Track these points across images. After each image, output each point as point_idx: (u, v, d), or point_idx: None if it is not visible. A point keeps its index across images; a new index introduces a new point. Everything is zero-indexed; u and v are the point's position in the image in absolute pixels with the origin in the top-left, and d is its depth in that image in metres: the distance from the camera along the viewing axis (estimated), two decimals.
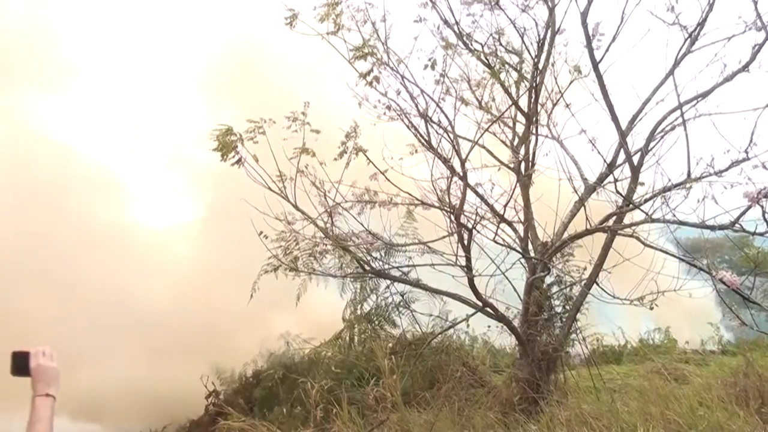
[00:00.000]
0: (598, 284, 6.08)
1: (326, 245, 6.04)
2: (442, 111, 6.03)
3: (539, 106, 6.37)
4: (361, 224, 5.95)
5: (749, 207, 5.07)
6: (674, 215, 5.50)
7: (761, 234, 5.24)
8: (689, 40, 5.85)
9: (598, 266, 6.06)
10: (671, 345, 10.34)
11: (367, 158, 5.73)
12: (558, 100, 6.33)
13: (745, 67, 5.67)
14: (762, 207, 5.00)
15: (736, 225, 5.30)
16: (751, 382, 5.83)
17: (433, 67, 5.99)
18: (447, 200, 5.86)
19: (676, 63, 5.92)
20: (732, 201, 5.27)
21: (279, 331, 7.87)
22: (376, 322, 7.34)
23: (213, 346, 7.76)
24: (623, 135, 5.97)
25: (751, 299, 5.62)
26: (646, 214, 5.64)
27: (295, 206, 5.72)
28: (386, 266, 6.35)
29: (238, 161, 5.46)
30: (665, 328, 10.77)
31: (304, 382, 6.03)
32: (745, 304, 5.74)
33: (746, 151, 5.26)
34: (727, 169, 5.33)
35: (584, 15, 5.94)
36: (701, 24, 5.76)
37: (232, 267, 7.48)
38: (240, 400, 7.08)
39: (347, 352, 7.35)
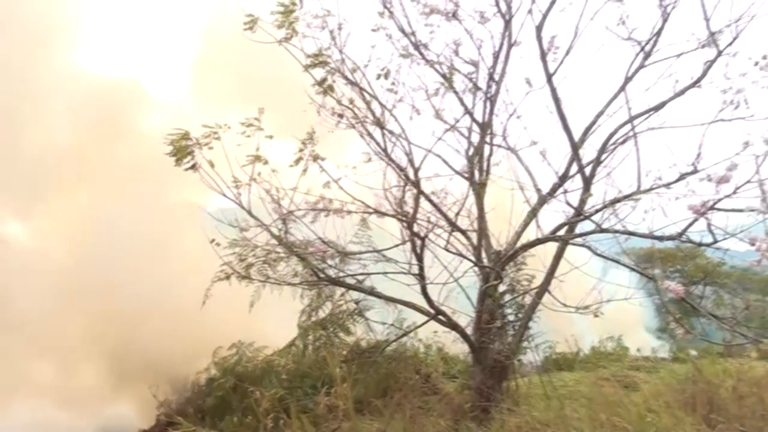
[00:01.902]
0: (549, 293, 6.69)
1: (280, 253, 6.39)
2: (396, 119, 6.48)
3: (495, 117, 6.98)
4: (313, 232, 6.30)
5: (696, 219, 5.70)
6: (623, 226, 6.14)
7: (707, 245, 5.86)
8: (642, 55, 6.52)
9: (550, 275, 6.67)
10: (623, 353, 11.06)
11: (320, 166, 6.10)
12: (513, 111, 6.94)
13: (696, 83, 6.30)
14: (707, 219, 5.65)
15: (683, 236, 5.95)
16: (700, 389, 6.45)
17: (386, 77, 6.46)
18: (401, 209, 6.36)
19: (629, 77, 6.57)
20: (682, 212, 5.90)
21: (232, 339, 8.25)
22: (331, 330, 7.73)
23: (166, 354, 8.07)
24: (575, 147, 6.57)
25: (698, 308, 6.27)
26: (597, 224, 6.24)
27: (249, 213, 6.04)
28: (341, 274, 6.67)
29: (193, 166, 5.74)
30: (617, 336, 11.53)
31: (255, 391, 6.28)
32: (694, 312, 6.38)
33: (694, 165, 5.92)
34: (675, 182, 5.91)
35: (539, 29, 6.53)
36: (654, 40, 6.41)
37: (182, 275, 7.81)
38: (190, 409, 7.43)
39: (300, 361, 7.79)
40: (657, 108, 6.42)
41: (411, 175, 6.38)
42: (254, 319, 7.27)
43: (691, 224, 5.76)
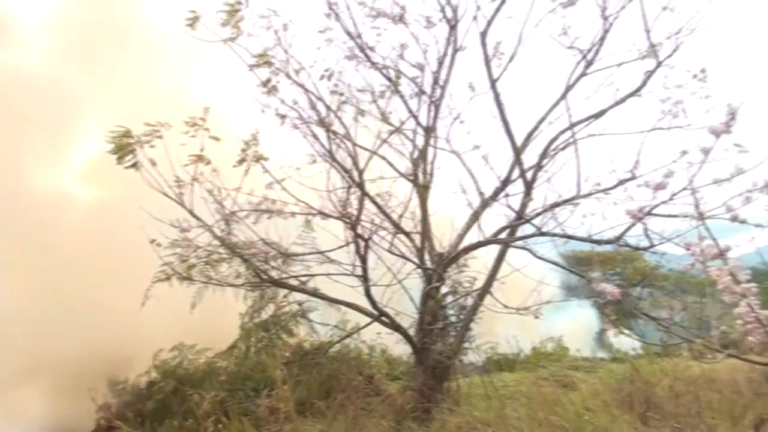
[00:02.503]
0: (491, 294, 7.01)
1: (222, 254, 6.47)
2: (340, 120, 6.66)
3: (439, 120, 7.25)
4: (255, 233, 6.40)
5: (633, 224, 6.06)
6: (563, 229, 6.50)
7: (644, 249, 6.24)
8: (584, 63, 6.89)
9: (491, 277, 6.98)
10: (563, 353, 11.56)
11: (263, 167, 6.19)
12: (457, 116, 7.24)
13: (636, 92, 6.69)
14: (644, 224, 6.02)
15: (621, 240, 6.31)
16: (637, 388, 6.84)
17: (329, 78, 6.65)
18: (345, 210, 6.52)
19: (571, 85, 6.92)
20: (620, 217, 6.23)
21: (174, 341, 8.30)
22: (273, 332, 7.87)
23: (105, 357, 8.04)
24: (518, 152, 6.90)
25: (635, 310, 6.67)
26: (537, 227, 6.58)
27: (192, 213, 6.10)
28: (284, 275, 6.79)
29: (134, 165, 5.77)
30: (558, 337, 12.05)
31: (196, 394, 6.41)
32: (632, 314, 6.78)
33: (632, 171, 6.29)
34: (613, 188, 6.26)
35: (483, 35, 6.83)
36: (596, 49, 6.77)
37: (123, 273, 7.81)
38: (130, 413, 7.44)
39: (242, 363, 7.91)
40: (597, 115, 6.79)
41: (355, 177, 6.54)
42: (196, 321, 7.33)
43: (628, 229, 6.10)
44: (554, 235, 6.42)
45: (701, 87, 6.21)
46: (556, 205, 6.43)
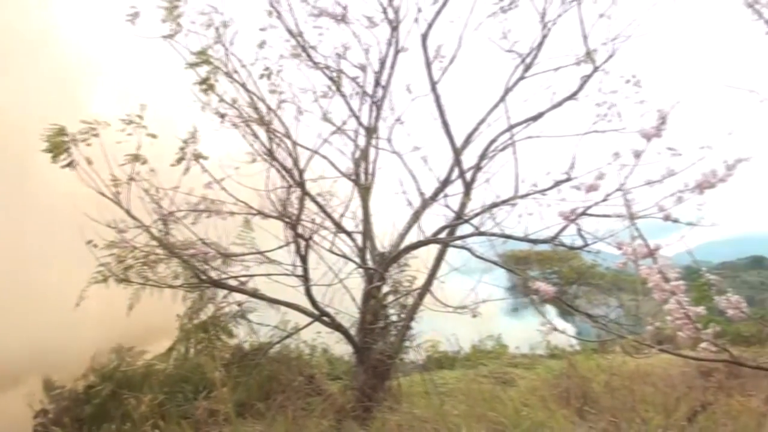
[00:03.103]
0: (431, 293, 7.31)
1: (160, 254, 6.55)
2: (281, 120, 6.83)
3: (381, 121, 7.50)
4: (193, 233, 6.51)
5: (567, 224, 6.41)
6: (501, 229, 6.83)
7: (578, 248, 6.62)
8: (523, 67, 7.23)
9: (431, 276, 7.27)
10: (502, 350, 12.04)
11: (202, 166, 6.32)
12: (399, 116, 7.50)
13: (572, 96, 7.06)
14: (577, 224, 6.38)
15: (556, 240, 6.67)
16: (574, 383, 7.24)
17: (268, 77, 6.80)
18: (285, 210, 6.70)
19: (510, 88, 7.24)
20: (557, 217, 6.60)
21: (111, 344, 8.31)
22: (212, 333, 7.98)
23: (41, 361, 7.99)
24: (457, 153, 7.22)
25: (569, 307, 7.06)
26: (475, 227, 6.90)
27: (129, 213, 6.16)
28: (223, 276, 6.90)
29: (70, 164, 5.79)
30: (497, 334, 12.52)
31: (134, 397, 6.50)
32: (566, 311, 7.16)
33: (567, 173, 6.64)
34: (549, 189, 6.60)
35: (424, 37, 7.12)
36: (534, 53, 7.12)
37: (60, 275, 7.78)
38: (66, 418, 7.41)
39: (181, 365, 8.00)
40: (535, 118, 7.14)
41: (296, 176, 6.73)
42: (134, 323, 7.39)
43: (563, 229, 6.41)
44: (492, 234, 6.71)
45: (635, 92, 6.62)
46: (495, 205, 6.74)
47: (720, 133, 5.02)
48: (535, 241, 6.64)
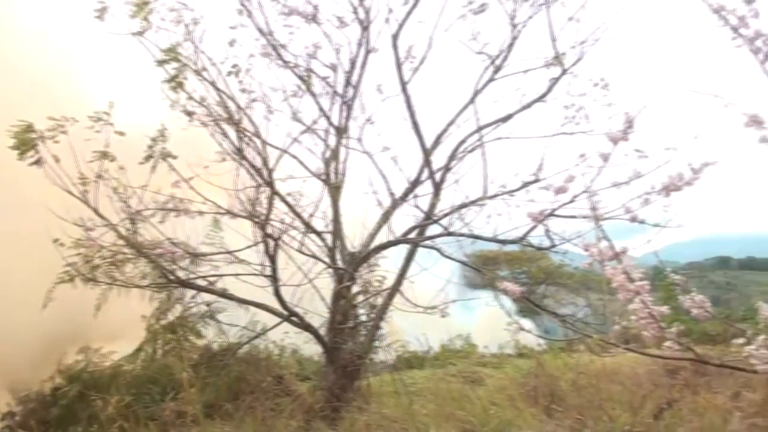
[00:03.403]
0: (401, 293, 7.46)
1: (128, 254, 6.61)
2: (250, 119, 6.94)
3: (351, 121, 7.63)
4: (161, 233, 6.60)
5: (535, 225, 6.59)
6: (470, 230, 7.01)
7: (545, 249, 6.81)
8: (492, 68, 7.41)
9: (401, 276, 7.42)
10: (471, 350, 12.29)
11: (170, 165, 6.41)
12: (369, 117, 7.64)
13: (541, 98, 7.27)
14: (545, 225, 6.57)
15: (525, 240, 6.86)
16: (542, 382, 7.44)
17: (237, 75, 6.90)
18: (254, 209, 6.80)
19: (479, 89, 7.41)
20: (526, 218, 6.78)
21: (79, 344, 8.31)
22: (180, 334, 8.03)
23: (6, 363, 7.97)
24: (427, 153, 7.39)
25: (536, 307, 7.25)
26: (445, 227, 7.07)
27: (96, 211, 6.22)
28: (191, 276, 6.99)
29: (38, 161, 5.84)
30: (466, 334, 12.78)
31: (101, 399, 6.52)
32: (533, 310, 7.35)
33: (536, 174, 6.84)
34: (517, 190, 6.81)
35: (395, 37, 7.26)
36: (504, 55, 7.30)
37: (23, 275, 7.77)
38: (32, 421, 7.38)
39: (149, 366, 8.05)
40: (504, 119, 7.34)
41: (265, 176, 6.84)
42: (102, 323, 7.42)
43: (531, 230, 6.61)
44: (461, 235, 6.89)
45: (603, 95, 6.87)
46: (464, 206, 6.92)
47: (686, 136, 5.21)
48: (503, 242, 6.81)
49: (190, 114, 6.68)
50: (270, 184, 6.83)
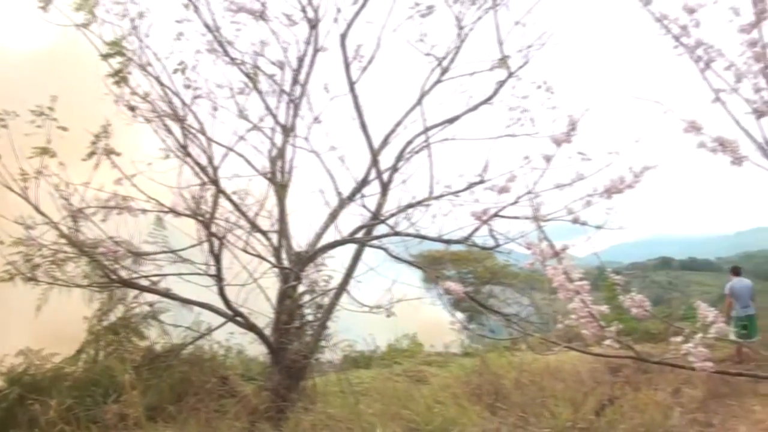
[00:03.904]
0: (347, 293, 7.69)
1: (69, 253, 6.70)
2: (195, 116, 7.09)
3: (299, 120, 7.83)
4: (103, 231, 6.69)
5: (479, 225, 6.88)
6: (416, 230, 7.28)
7: (489, 249, 7.12)
8: (440, 70, 7.71)
9: (348, 276, 7.66)
10: (417, 349, 12.61)
11: (112, 162, 6.50)
12: (317, 116, 7.85)
13: (487, 100, 7.60)
14: (489, 225, 6.86)
15: (469, 240, 7.16)
16: (486, 380, 7.76)
17: (183, 72, 7.03)
18: (198, 208, 6.95)
19: (427, 91, 7.71)
20: (471, 218, 7.06)
21: (19, 346, 8.27)
22: (123, 335, 8.08)
23: None
24: (375, 153, 7.65)
25: (479, 306, 7.58)
26: (391, 227, 7.34)
27: (37, 209, 6.29)
28: (134, 275, 7.10)
29: None
30: (413, 333, 13.12)
31: (42, 402, 6.54)
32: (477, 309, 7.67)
33: (481, 175, 7.13)
34: (463, 190, 7.10)
35: (343, 37, 7.51)
36: (451, 57, 7.61)
37: None
38: None
39: (91, 368, 8.05)
40: (451, 121, 7.66)
41: (210, 174, 7.01)
42: (42, 324, 7.42)
43: (475, 230, 6.92)
44: (408, 234, 7.17)
45: (547, 98, 7.19)
46: (410, 206, 7.20)
47: (628, 140, 5.52)
48: (448, 242, 7.11)
49: (133, 109, 6.78)
50: (215, 182, 6.99)
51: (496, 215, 6.50)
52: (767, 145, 3.87)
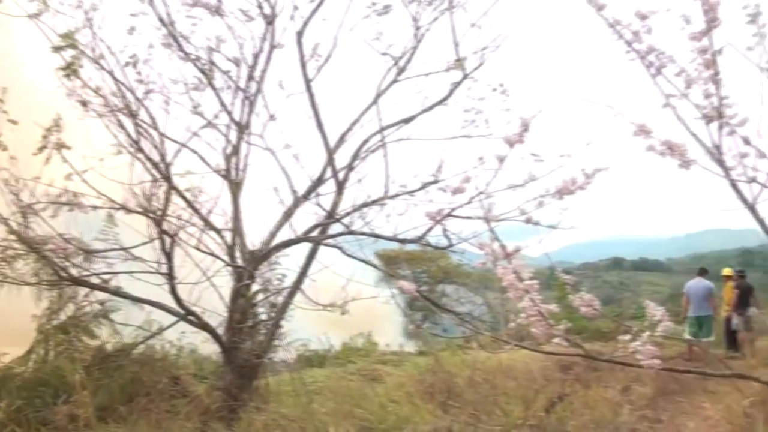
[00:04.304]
0: (302, 291, 7.86)
1: (18, 249, 6.76)
2: (148, 111, 7.19)
3: (254, 117, 7.98)
4: (53, 228, 6.75)
5: (433, 225, 7.09)
6: (371, 229, 7.48)
7: (442, 248, 7.38)
8: (396, 70, 7.93)
9: (302, 275, 7.84)
10: (372, 348, 12.88)
11: (63, 157, 6.55)
12: (273, 113, 8.00)
13: (443, 101, 7.87)
14: (443, 225, 7.08)
15: (423, 240, 7.38)
16: (439, 379, 8.01)
17: (134, 65, 7.12)
18: (150, 205, 7.03)
19: (383, 90, 7.94)
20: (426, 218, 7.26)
21: None
22: (73, 334, 8.09)
23: None
24: (330, 152, 7.84)
25: (437, 305, 7.80)
26: (346, 226, 7.53)
27: None
28: (84, 273, 7.16)
29: None
30: (368, 332, 13.38)
31: None
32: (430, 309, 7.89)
33: (435, 175, 7.35)
34: (417, 190, 7.35)
35: (299, 34, 7.70)
36: (408, 57, 7.85)
37: None
38: None
39: (41, 368, 8.07)
40: (407, 121, 7.93)
41: (163, 170, 7.11)
42: None
43: (429, 229, 7.21)
44: (362, 234, 7.40)
45: (502, 100, 7.48)
46: (365, 205, 7.44)
47: (580, 142, 5.76)
48: (403, 241, 7.33)
49: (85, 104, 6.85)
50: (167, 178, 7.10)
51: (449, 215, 6.75)
52: (716, 149, 4.12)
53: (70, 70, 6.58)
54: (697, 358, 11.13)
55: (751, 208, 4.09)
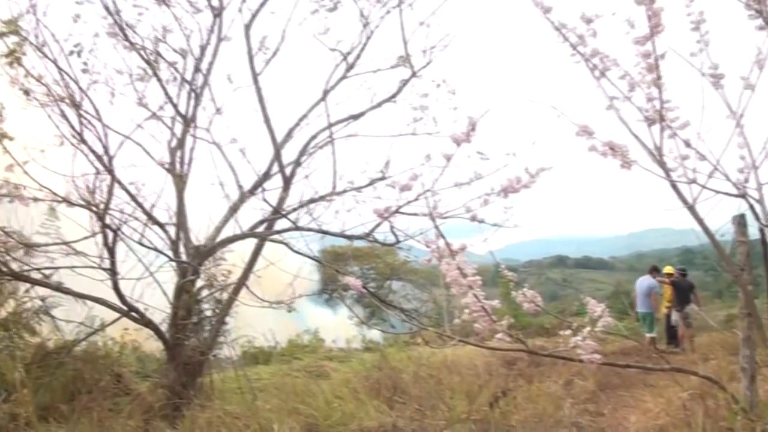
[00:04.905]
0: (248, 288, 8.07)
1: None
2: (91, 101, 7.29)
3: (200, 110, 8.19)
4: None
5: (381, 222, 7.34)
6: (318, 225, 7.72)
7: (389, 245, 7.67)
8: (345, 66, 8.20)
9: (247, 271, 8.06)
10: (318, 345, 13.18)
11: (4, 147, 6.70)
12: (219, 107, 8.20)
13: (391, 98, 8.18)
14: (390, 222, 7.34)
15: (370, 236, 7.64)
16: (385, 375, 8.28)
17: (79, 54, 7.24)
18: (93, 198, 7.18)
19: (332, 86, 8.21)
20: (373, 214, 7.50)
21: None
22: (13, 331, 8.13)
23: None
24: (278, 147, 8.07)
25: (384, 301, 8.07)
26: (293, 222, 7.77)
27: None
28: (25, 268, 7.24)
29: None
30: (314, 329, 13.69)
31: None
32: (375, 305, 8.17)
33: (382, 172, 7.62)
34: (365, 186, 7.63)
35: (247, 27, 7.92)
36: (357, 54, 8.11)
37: None
38: None
39: None
40: (355, 117, 8.24)
41: (106, 162, 7.26)
42: None
43: (376, 226, 7.46)
44: (309, 230, 7.65)
45: (449, 98, 7.88)
46: (313, 200, 7.69)
47: (524, 142, 6.04)
48: (349, 237, 7.62)
49: (28, 93, 6.96)
50: (110, 171, 7.25)
51: (397, 212, 6.97)
52: (657, 151, 4.43)
53: (13, 57, 6.69)
54: (637, 352, 11.63)
55: (691, 209, 4.36)
